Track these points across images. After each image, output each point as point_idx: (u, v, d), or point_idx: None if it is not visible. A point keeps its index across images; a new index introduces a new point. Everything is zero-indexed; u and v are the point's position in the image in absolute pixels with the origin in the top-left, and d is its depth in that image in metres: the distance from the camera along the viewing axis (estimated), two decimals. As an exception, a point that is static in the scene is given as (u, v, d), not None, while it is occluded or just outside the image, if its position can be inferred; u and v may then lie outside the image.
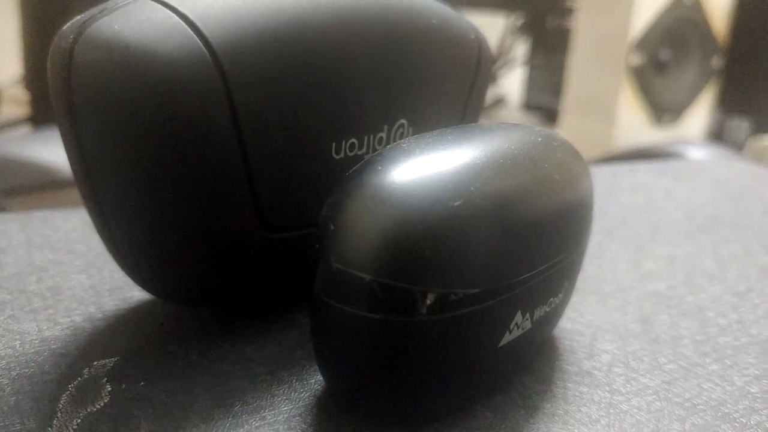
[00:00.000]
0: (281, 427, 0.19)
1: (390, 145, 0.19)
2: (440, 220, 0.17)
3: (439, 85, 0.27)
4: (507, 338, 0.19)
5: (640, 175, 0.50)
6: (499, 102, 1.84)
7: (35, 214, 0.32)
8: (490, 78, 0.30)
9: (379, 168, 0.18)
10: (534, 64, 1.76)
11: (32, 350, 0.21)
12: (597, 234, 0.36)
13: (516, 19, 1.81)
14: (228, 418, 0.19)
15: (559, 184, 0.20)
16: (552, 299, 0.21)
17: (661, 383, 0.22)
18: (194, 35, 0.19)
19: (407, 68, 0.25)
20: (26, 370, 0.20)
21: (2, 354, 0.21)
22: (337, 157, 0.23)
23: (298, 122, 0.22)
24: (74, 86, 0.19)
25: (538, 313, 0.21)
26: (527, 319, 0.20)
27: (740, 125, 1.37)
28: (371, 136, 0.24)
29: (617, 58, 1.25)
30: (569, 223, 0.21)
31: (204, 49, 0.19)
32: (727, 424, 0.20)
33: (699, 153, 0.82)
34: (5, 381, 0.20)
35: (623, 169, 0.52)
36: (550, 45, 1.69)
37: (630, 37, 1.22)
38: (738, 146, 1.25)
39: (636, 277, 0.31)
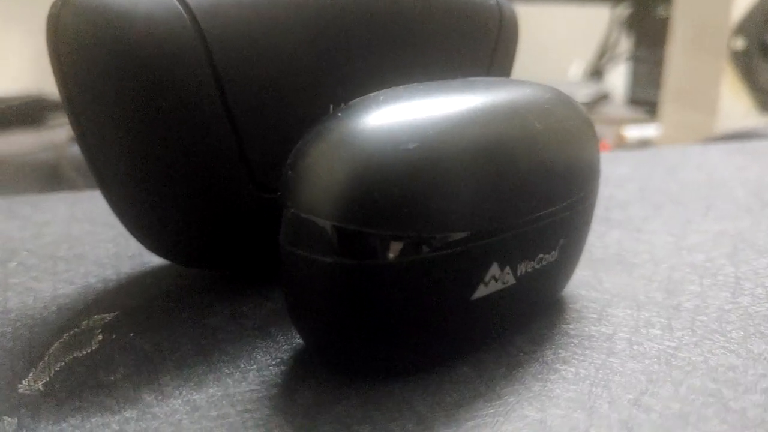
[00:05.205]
0: (252, 374, 0.19)
1: (361, 97, 0.19)
2: (391, 162, 0.17)
3: (452, 50, 0.26)
4: (483, 291, 0.19)
5: (711, 154, 0.48)
6: (604, 98, 1.79)
7: (83, 194, 0.34)
8: (516, 45, 0.30)
9: (339, 116, 0.18)
10: (638, 57, 1.70)
11: (42, 305, 0.23)
12: (643, 209, 0.34)
13: (621, 11, 1.76)
14: (203, 365, 0.19)
15: (543, 134, 0.20)
16: (542, 256, 0.20)
17: (666, 348, 0.21)
18: (173, -4, 0.20)
19: (411, 32, 0.25)
20: (30, 321, 0.22)
21: (14, 307, 0.23)
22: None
23: (286, 84, 0.22)
24: (61, 49, 0.20)
25: (523, 268, 0.20)
26: (508, 273, 0.19)
27: None
28: (374, 101, 0.24)
29: (717, 44, 1.18)
30: (556, 177, 0.20)
31: (180, 7, 0.20)
32: (730, 390, 0.19)
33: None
34: (8, 329, 0.21)
35: (694, 149, 0.50)
36: (654, 37, 1.63)
37: (731, 21, 1.16)
38: None
39: (674, 249, 0.29)
